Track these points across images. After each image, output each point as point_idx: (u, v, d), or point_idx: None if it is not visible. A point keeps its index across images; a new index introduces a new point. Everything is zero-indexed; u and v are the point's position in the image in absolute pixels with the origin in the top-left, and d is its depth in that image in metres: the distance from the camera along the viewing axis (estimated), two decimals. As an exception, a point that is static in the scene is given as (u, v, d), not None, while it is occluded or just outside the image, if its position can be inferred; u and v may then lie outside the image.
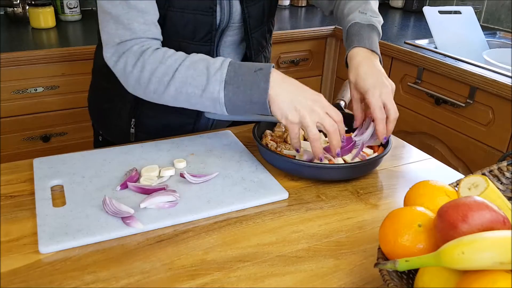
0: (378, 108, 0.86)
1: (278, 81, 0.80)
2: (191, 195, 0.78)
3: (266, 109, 0.80)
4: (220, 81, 0.80)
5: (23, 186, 0.80)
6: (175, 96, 0.84)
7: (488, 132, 1.51)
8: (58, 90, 1.61)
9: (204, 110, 0.86)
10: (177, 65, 0.82)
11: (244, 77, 0.80)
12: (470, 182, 0.61)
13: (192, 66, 0.82)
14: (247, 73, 0.80)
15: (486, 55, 1.61)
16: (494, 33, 2.02)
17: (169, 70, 0.82)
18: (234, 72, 0.81)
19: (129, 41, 0.85)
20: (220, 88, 0.80)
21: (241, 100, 0.80)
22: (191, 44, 0.94)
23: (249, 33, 1.00)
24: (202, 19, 0.92)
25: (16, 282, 0.60)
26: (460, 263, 0.46)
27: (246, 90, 0.80)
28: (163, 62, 0.83)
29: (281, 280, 0.62)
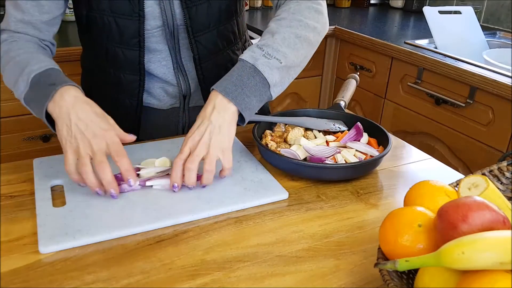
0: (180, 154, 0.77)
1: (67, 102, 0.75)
2: (191, 195, 0.78)
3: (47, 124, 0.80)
4: (26, 82, 0.79)
5: (23, 186, 0.80)
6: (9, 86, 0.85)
7: (488, 132, 1.51)
8: (58, 90, 1.61)
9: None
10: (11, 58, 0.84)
11: (40, 87, 0.78)
12: (470, 182, 0.61)
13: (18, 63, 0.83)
14: (45, 83, 0.78)
15: (486, 55, 1.61)
16: (494, 33, 2.02)
17: (5, 62, 0.85)
18: (39, 78, 0.79)
19: (3, 30, 0.90)
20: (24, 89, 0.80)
21: (32, 107, 0.80)
22: (118, 48, 0.94)
23: (191, 37, 0.94)
24: (124, 23, 0.90)
25: (16, 282, 0.60)
26: (460, 263, 0.46)
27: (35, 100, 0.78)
28: (7, 53, 0.86)
29: (281, 280, 0.62)
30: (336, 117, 0.98)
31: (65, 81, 0.78)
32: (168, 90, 1.03)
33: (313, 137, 0.94)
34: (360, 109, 2.04)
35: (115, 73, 0.98)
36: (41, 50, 0.89)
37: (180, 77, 1.01)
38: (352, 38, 1.97)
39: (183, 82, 1.02)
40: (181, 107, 1.06)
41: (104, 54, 0.96)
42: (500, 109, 1.46)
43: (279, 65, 0.82)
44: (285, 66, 0.83)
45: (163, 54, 0.97)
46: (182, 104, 1.06)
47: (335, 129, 0.95)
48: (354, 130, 0.91)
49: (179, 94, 1.04)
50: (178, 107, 1.06)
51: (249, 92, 0.80)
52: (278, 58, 0.82)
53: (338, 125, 0.96)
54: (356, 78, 1.09)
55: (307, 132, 0.94)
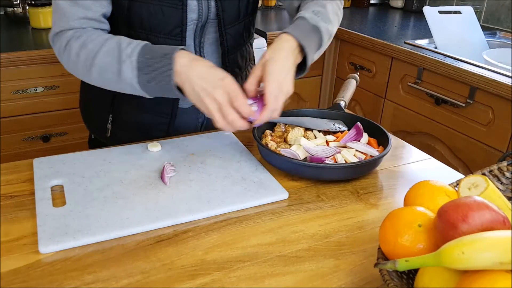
0: (274, 97, 0.81)
1: (186, 66, 0.79)
2: (191, 195, 0.78)
3: (177, 95, 0.82)
4: (131, 68, 0.82)
5: (23, 186, 0.80)
6: (100, 81, 0.87)
7: (488, 132, 1.51)
8: (58, 90, 1.61)
9: (130, 93, 0.87)
10: (95, 51, 0.85)
11: (153, 63, 0.81)
12: (470, 182, 0.61)
13: (109, 52, 0.84)
14: (155, 58, 0.81)
15: (486, 55, 1.61)
16: (494, 33, 2.02)
17: (89, 56, 0.85)
18: (144, 58, 0.81)
19: (66, 30, 0.88)
20: (133, 75, 0.82)
21: (154, 86, 0.82)
22: (159, 38, 0.94)
23: (223, 29, 0.99)
24: (169, 12, 0.92)
25: (16, 282, 0.60)
26: (460, 263, 0.46)
27: (156, 77, 0.81)
28: (84, 47, 0.85)
29: (281, 280, 0.62)
30: (336, 117, 0.98)
31: (174, 48, 0.81)
32: None
33: (313, 137, 0.94)
34: (360, 109, 2.04)
35: None
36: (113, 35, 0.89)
37: None
38: (352, 38, 1.97)
39: None
40: None
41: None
42: (500, 109, 1.46)
43: (329, 32, 0.94)
44: (331, 34, 0.95)
45: (189, 49, 0.99)
46: None
47: (335, 129, 0.95)
48: (354, 130, 0.91)
49: None
50: None
51: (311, 47, 0.89)
52: (329, 25, 0.93)
53: (338, 125, 0.96)
54: (356, 78, 1.09)
55: (307, 132, 0.94)
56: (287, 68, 0.84)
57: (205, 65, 0.80)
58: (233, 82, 0.79)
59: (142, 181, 0.81)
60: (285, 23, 2.11)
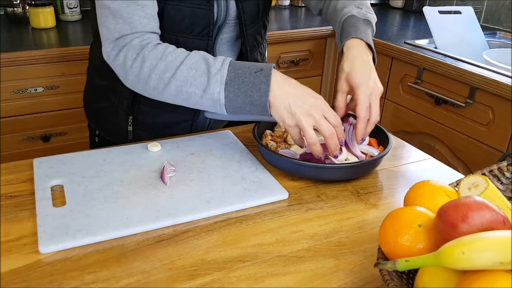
0: (364, 107, 0.86)
1: (279, 83, 0.80)
2: (191, 195, 0.78)
3: (266, 111, 0.81)
4: (220, 82, 0.80)
5: (23, 186, 0.80)
6: (175, 94, 0.84)
7: (488, 132, 1.51)
8: (58, 90, 1.61)
9: (204, 109, 0.86)
10: (178, 63, 0.82)
11: (245, 79, 0.80)
12: (470, 182, 0.61)
13: (193, 66, 0.82)
14: (247, 74, 0.81)
15: (486, 55, 1.61)
16: (494, 33, 2.02)
17: (170, 68, 0.82)
18: (234, 73, 0.81)
19: (129, 35, 0.84)
20: (220, 89, 0.81)
21: (241, 101, 0.81)
22: (189, 39, 0.94)
23: (244, 30, 1.00)
24: (200, 13, 0.92)
25: (16, 282, 0.60)
26: (460, 263, 0.46)
27: (246, 91, 0.80)
28: (163, 59, 0.83)
29: (281, 280, 0.62)
30: (336, 117, 0.98)
31: (266, 65, 0.82)
32: None
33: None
34: (360, 109, 2.04)
35: None
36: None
37: None
38: (352, 38, 1.97)
39: None
40: None
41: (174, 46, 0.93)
42: (500, 109, 1.46)
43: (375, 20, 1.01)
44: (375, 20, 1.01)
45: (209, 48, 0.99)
46: None
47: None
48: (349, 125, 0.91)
49: None
50: None
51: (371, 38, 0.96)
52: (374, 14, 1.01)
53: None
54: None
55: (307, 132, 0.94)
56: (370, 70, 0.89)
57: (297, 83, 0.82)
58: (324, 100, 0.82)
59: (142, 181, 0.81)
60: (285, 22, 2.11)
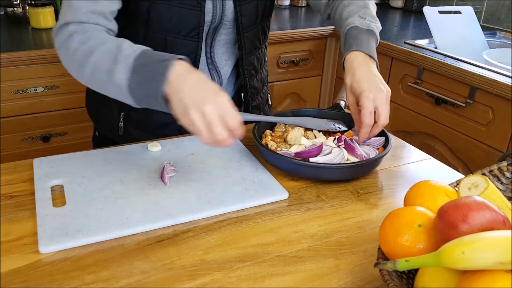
0: (368, 113, 0.85)
1: (180, 76, 0.72)
2: (191, 195, 0.78)
3: (163, 106, 0.73)
4: (126, 69, 0.74)
5: (23, 186, 0.80)
6: (90, 80, 0.81)
7: (488, 132, 1.51)
8: (58, 90, 1.61)
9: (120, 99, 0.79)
10: (93, 48, 0.79)
11: (149, 67, 0.74)
12: (470, 182, 0.61)
13: (106, 52, 0.78)
14: (152, 63, 0.74)
15: (486, 55, 1.61)
16: (494, 33, 2.02)
17: (87, 52, 0.79)
18: (140, 60, 0.74)
19: (71, 23, 0.84)
20: (124, 77, 0.74)
21: (141, 92, 0.74)
22: (177, 39, 0.94)
23: (241, 33, 1.00)
24: (188, 13, 0.92)
25: (16, 282, 0.60)
26: (460, 263, 0.46)
27: (146, 81, 0.73)
28: (85, 43, 0.80)
29: (281, 280, 0.62)
30: (336, 117, 0.98)
31: (174, 56, 0.74)
32: None
33: (313, 137, 0.94)
34: (360, 109, 2.04)
35: None
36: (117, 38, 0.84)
37: (214, 73, 1.04)
38: (352, 38, 1.97)
39: (217, 77, 1.05)
40: None
41: (162, 47, 0.95)
42: (500, 109, 1.46)
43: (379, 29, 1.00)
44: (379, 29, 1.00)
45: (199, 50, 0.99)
46: None
47: (335, 129, 0.95)
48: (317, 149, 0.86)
49: None
50: None
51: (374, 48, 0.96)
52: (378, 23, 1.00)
53: (338, 125, 0.96)
54: (356, 78, 1.09)
55: (307, 132, 0.94)
56: (372, 77, 0.88)
57: (200, 77, 0.73)
58: (227, 99, 0.72)
59: (142, 181, 0.81)
60: (285, 23, 2.11)
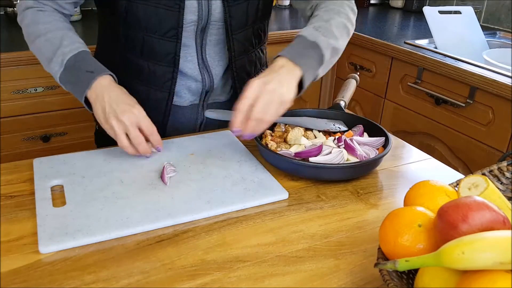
0: (243, 97, 0.79)
1: (103, 87, 0.84)
2: (191, 195, 0.78)
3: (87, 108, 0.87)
4: (60, 64, 0.87)
5: (23, 186, 0.80)
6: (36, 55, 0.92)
7: (488, 132, 1.51)
8: (58, 90, 1.61)
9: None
10: (40, 33, 0.89)
11: (77, 72, 0.86)
12: (470, 182, 0.61)
13: (49, 41, 0.88)
14: (82, 68, 0.86)
15: (486, 55, 1.61)
16: (494, 33, 2.02)
17: (34, 34, 0.90)
18: (73, 62, 0.86)
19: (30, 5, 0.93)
20: (58, 70, 0.87)
21: (70, 88, 0.88)
22: (154, 38, 0.94)
23: (230, 34, 0.98)
24: (165, 14, 0.92)
25: (16, 282, 0.60)
26: (460, 263, 0.46)
27: (74, 84, 0.87)
28: (35, 23, 0.90)
29: (281, 280, 0.62)
30: (336, 117, 0.98)
31: (102, 70, 0.87)
32: (191, 86, 1.04)
33: (313, 137, 0.94)
34: (360, 109, 2.04)
35: (149, 65, 0.98)
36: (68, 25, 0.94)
37: (205, 73, 1.03)
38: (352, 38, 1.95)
39: (208, 78, 1.04)
40: (200, 104, 1.07)
41: (140, 46, 0.96)
42: (500, 109, 1.46)
43: (332, 46, 0.90)
44: (335, 48, 0.91)
45: (190, 49, 0.99)
46: (202, 101, 1.07)
47: (335, 129, 0.95)
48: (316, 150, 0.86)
49: (201, 91, 1.05)
50: (197, 104, 1.07)
51: (310, 65, 0.87)
52: (332, 40, 0.90)
53: (338, 125, 0.96)
54: (356, 78, 1.09)
55: (307, 132, 0.94)
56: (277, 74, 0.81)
57: (121, 91, 0.85)
58: (141, 110, 0.84)
59: (142, 181, 0.81)
60: (285, 23, 2.11)
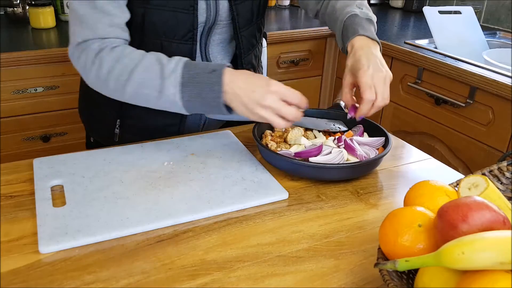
0: (368, 88, 0.85)
1: (231, 82, 0.79)
2: (191, 195, 0.78)
3: (222, 111, 0.80)
4: (175, 84, 0.80)
5: (23, 186, 0.80)
6: (134, 96, 0.84)
7: (488, 132, 1.51)
8: (58, 90, 1.61)
9: (166, 110, 0.85)
10: (133, 65, 0.82)
11: (199, 79, 0.80)
12: (470, 182, 0.61)
13: (148, 68, 0.82)
14: (201, 75, 0.80)
15: (486, 55, 1.61)
16: (494, 33, 2.02)
17: (125, 71, 0.82)
18: (189, 75, 0.80)
19: (91, 40, 0.85)
20: (176, 91, 0.80)
21: (198, 103, 0.80)
22: (172, 43, 0.94)
23: (238, 32, 1.00)
24: (182, 17, 0.92)
25: (16, 282, 0.60)
26: (460, 263, 0.46)
27: (201, 93, 0.79)
28: (119, 61, 0.83)
29: (281, 280, 0.62)
30: (336, 117, 0.98)
31: (219, 65, 0.81)
32: None
33: (313, 137, 0.94)
34: (360, 109, 2.04)
35: None
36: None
37: None
38: (352, 38, 1.97)
39: None
40: None
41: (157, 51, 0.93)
42: (500, 109, 1.46)
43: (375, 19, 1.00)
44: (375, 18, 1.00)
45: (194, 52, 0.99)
46: None
47: (335, 129, 0.95)
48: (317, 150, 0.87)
49: None
50: None
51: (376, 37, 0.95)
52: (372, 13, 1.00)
53: (338, 125, 0.96)
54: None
55: (307, 132, 0.94)
56: (374, 58, 0.88)
57: (246, 76, 0.80)
58: (277, 83, 0.79)
59: (142, 181, 0.81)
60: (285, 22, 2.11)
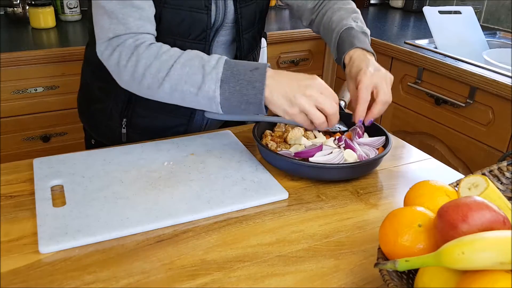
0: (364, 88, 0.87)
1: (273, 77, 0.80)
2: (191, 195, 0.78)
3: (262, 109, 0.80)
4: (216, 80, 0.80)
5: (23, 186, 0.80)
6: (170, 93, 0.83)
7: (488, 132, 1.51)
8: (58, 90, 1.61)
9: (199, 108, 0.86)
10: (172, 61, 0.82)
11: (240, 77, 0.80)
12: (470, 182, 0.61)
13: (187, 63, 0.82)
14: (243, 72, 0.80)
15: (486, 55, 1.61)
16: (494, 33, 2.02)
17: (164, 67, 0.82)
18: (230, 71, 0.80)
19: (123, 35, 0.84)
20: (216, 87, 0.80)
21: (236, 99, 0.80)
22: (186, 42, 0.94)
23: (240, 34, 1.00)
24: (197, 17, 0.92)
25: (16, 282, 0.60)
26: (460, 263, 0.46)
27: (242, 89, 0.80)
28: (158, 58, 0.82)
29: (281, 280, 0.62)
30: (336, 117, 0.98)
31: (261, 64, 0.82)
32: None
33: (313, 137, 0.94)
34: (360, 109, 2.04)
35: None
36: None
37: None
38: (352, 38, 1.97)
39: None
40: None
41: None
42: (500, 109, 1.46)
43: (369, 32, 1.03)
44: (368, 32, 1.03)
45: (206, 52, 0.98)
46: None
47: (335, 129, 0.95)
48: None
49: None
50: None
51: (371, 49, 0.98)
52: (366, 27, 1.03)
53: (338, 125, 0.96)
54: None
55: (307, 132, 0.94)
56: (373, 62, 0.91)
57: (287, 73, 0.82)
58: (318, 78, 0.81)
59: (142, 181, 0.81)
60: (285, 23, 2.11)
